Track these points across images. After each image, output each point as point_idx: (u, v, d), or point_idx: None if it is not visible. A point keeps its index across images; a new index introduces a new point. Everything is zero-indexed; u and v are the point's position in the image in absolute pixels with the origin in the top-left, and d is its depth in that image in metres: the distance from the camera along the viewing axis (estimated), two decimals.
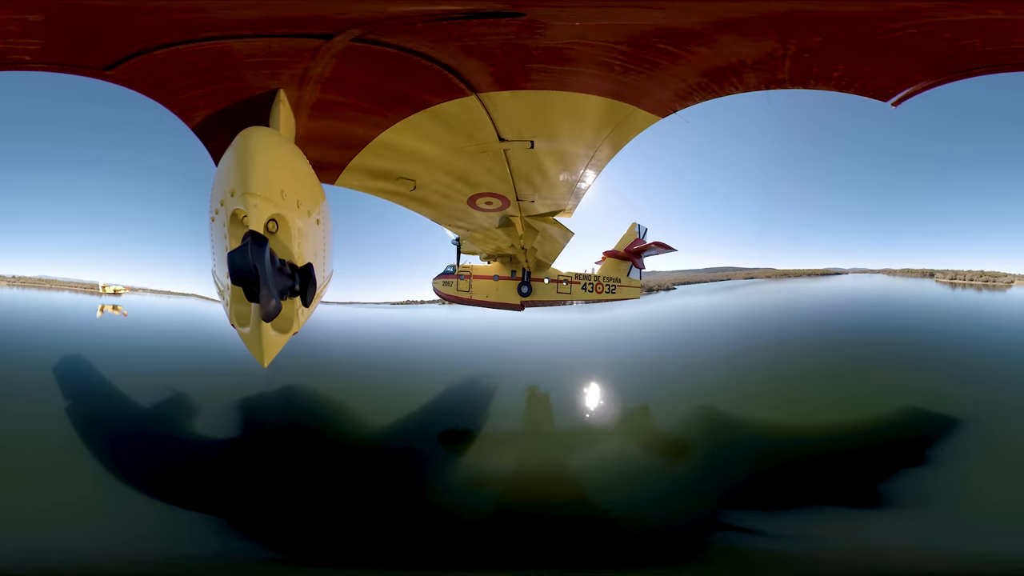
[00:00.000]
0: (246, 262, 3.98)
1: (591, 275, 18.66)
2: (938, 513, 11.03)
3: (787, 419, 16.61)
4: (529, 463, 15.34)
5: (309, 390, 18.92)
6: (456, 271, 18.06)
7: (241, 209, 4.31)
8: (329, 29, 4.57)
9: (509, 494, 13.62)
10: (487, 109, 5.71)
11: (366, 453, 16.28)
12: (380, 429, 17.40)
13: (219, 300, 5.59)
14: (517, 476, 14.63)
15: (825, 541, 10.93)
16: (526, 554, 10.95)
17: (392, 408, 18.05)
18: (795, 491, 12.69)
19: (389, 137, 6.28)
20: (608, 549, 11.24)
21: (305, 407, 18.37)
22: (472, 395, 19.82)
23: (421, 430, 17.48)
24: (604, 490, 13.49)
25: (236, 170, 4.35)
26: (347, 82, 5.32)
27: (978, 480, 12.10)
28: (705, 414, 17.52)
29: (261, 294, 4.08)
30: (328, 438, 16.84)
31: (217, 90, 5.35)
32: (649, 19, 4.49)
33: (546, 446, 16.57)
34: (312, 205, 5.20)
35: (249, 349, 4.65)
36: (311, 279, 4.77)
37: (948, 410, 14.65)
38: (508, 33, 4.60)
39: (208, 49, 4.78)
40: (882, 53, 4.70)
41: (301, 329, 4.95)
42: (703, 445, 15.86)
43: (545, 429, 18.25)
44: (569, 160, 6.96)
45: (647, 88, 5.34)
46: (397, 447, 16.53)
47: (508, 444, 16.80)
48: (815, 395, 18.23)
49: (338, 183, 7.28)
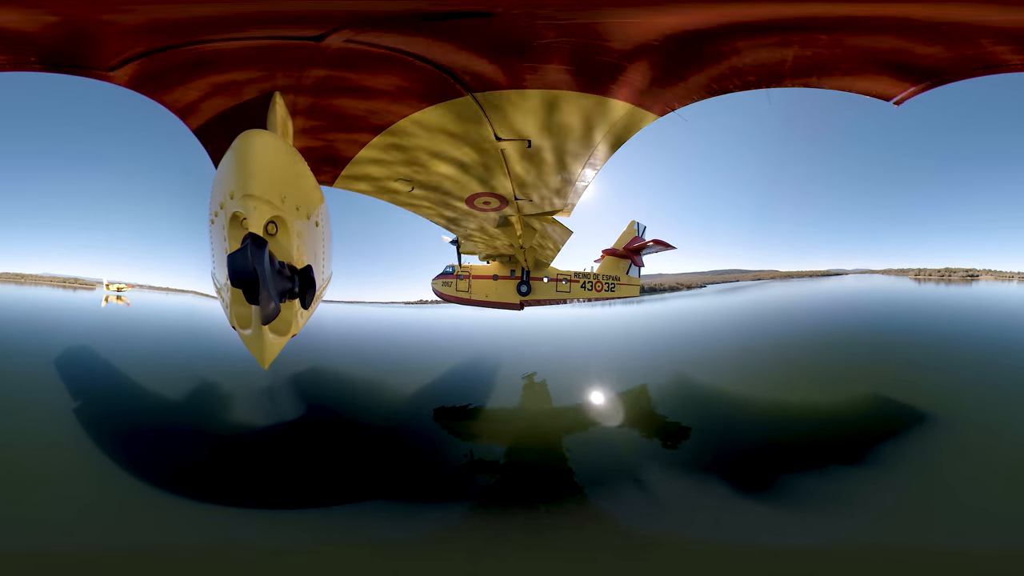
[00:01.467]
0: (246, 264, 4.00)
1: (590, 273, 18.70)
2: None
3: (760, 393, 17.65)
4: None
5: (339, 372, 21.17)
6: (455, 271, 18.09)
7: (240, 212, 4.31)
8: (322, 30, 4.57)
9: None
10: (483, 109, 5.71)
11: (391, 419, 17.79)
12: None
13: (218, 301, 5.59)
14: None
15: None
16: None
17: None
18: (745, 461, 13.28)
19: (386, 138, 6.28)
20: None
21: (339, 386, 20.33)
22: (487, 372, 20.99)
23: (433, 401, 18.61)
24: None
25: (235, 173, 4.36)
26: (342, 84, 5.33)
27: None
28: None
29: (261, 296, 4.09)
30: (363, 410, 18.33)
31: (216, 92, 5.35)
32: (648, 18, 4.49)
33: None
34: (311, 207, 5.21)
35: (250, 350, 4.67)
36: (310, 281, 4.78)
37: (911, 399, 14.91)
38: (504, 32, 4.60)
39: (207, 51, 4.79)
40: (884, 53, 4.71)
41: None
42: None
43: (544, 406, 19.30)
44: (567, 159, 6.96)
45: (645, 87, 5.34)
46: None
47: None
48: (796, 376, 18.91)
49: (336, 185, 7.29)
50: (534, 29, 4.55)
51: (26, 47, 4.58)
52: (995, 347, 20.08)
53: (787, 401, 17.03)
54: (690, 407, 17.22)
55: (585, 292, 18.50)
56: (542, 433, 16.27)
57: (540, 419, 17.49)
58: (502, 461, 14.56)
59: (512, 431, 16.33)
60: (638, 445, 15.53)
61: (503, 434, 16.14)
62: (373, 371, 21.61)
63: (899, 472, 11.84)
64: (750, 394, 17.82)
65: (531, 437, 16.04)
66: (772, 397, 17.49)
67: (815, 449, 13.46)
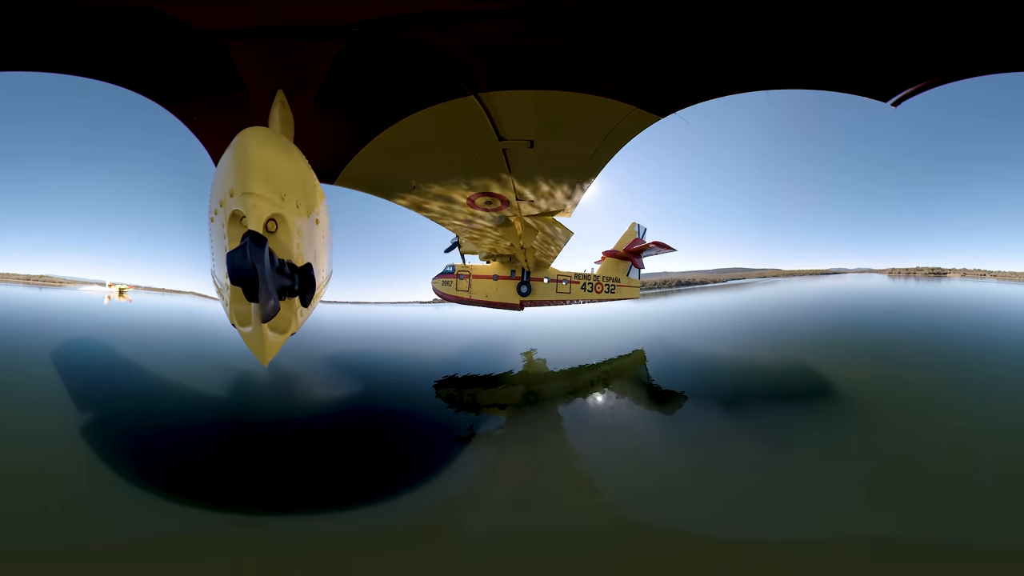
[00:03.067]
0: (245, 262, 3.98)
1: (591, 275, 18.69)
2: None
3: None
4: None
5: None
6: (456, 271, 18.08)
7: (240, 209, 4.30)
8: (327, 30, 4.57)
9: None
10: (486, 109, 5.70)
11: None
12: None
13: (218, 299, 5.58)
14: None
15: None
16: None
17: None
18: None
19: (388, 137, 6.27)
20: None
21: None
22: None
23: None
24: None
25: (235, 170, 4.35)
26: (345, 82, 5.32)
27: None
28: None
29: (260, 294, 4.08)
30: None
31: (217, 91, 5.35)
32: (649, 19, 4.49)
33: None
34: (311, 205, 5.20)
35: (250, 348, 4.65)
36: (310, 279, 4.77)
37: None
38: (506, 33, 4.60)
39: (208, 50, 4.78)
40: (882, 53, 4.70)
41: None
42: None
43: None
44: (568, 160, 6.96)
45: (646, 88, 5.33)
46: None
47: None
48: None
49: (337, 183, 7.28)
50: (537, 30, 4.55)
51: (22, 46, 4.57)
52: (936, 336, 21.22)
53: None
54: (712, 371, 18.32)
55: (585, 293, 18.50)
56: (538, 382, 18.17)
57: (536, 381, 18.80)
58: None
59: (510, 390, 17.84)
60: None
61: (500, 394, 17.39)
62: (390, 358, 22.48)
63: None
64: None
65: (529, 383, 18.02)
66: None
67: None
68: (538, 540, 8.56)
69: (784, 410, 13.26)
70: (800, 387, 14.88)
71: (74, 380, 16.47)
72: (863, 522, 8.36)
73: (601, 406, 15.26)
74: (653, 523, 8.74)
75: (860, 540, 7.94)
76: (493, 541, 8.58)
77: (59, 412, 13.66)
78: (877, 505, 8.81)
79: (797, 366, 17.03)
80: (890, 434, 11.57)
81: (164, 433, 13.55)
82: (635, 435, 13.10)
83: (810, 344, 19.87)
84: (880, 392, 14.19)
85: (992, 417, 12.18)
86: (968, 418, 12.19)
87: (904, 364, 17.05)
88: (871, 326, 23.46)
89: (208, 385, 16.70)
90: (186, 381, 16.97)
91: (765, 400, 14.09)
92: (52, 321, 26.62)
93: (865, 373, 15.76)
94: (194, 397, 16.37)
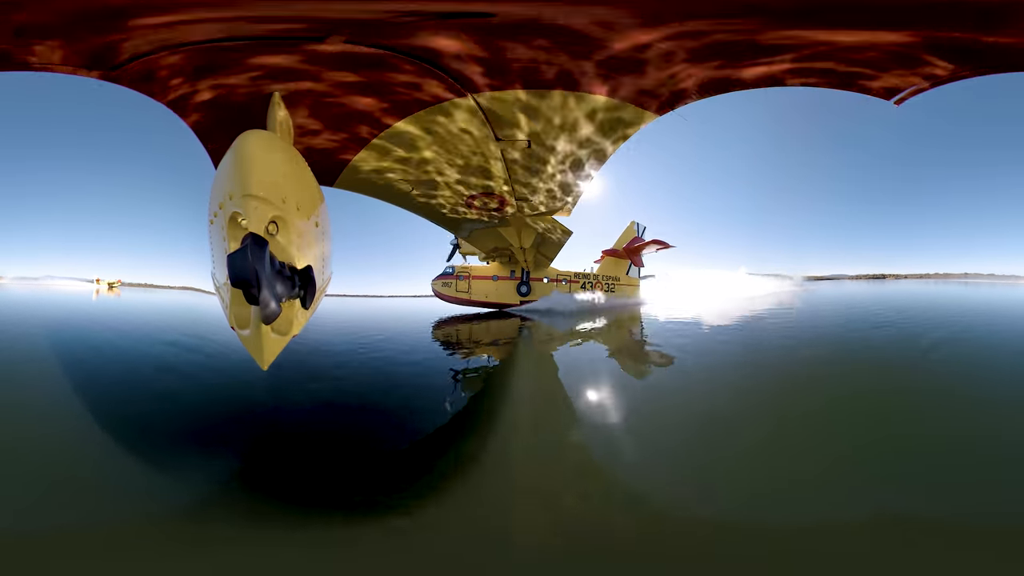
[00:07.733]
0: (246, 265, 3.99)
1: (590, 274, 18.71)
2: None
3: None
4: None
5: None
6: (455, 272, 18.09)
7: (240, 212, 4.31)
8: (322, 31, 4.58)
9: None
10: (483, 109, 5.72)
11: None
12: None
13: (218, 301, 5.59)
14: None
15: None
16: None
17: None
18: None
19: (385, 139, 6.30)
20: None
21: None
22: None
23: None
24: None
25: (235, 173, 4.36)
26: (342, 84, 5.34)
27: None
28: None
29: (261, 297, 4.09)
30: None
31: (216, 93, 5.36)
32: (648, 16, 4.49)
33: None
34: (311, 208, 5.21)
35: (249, 351, 4.66)
36: (311, 281, 4.78)
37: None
38: (504, 32, 4.60)
39: (207, 51, 4.79)
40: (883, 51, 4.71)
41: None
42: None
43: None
44: (567, 159, 6.98)
45: (645, 86, 5.34)
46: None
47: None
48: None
49: (336, 185, 7.30)
50: (534, 29, 4.56)
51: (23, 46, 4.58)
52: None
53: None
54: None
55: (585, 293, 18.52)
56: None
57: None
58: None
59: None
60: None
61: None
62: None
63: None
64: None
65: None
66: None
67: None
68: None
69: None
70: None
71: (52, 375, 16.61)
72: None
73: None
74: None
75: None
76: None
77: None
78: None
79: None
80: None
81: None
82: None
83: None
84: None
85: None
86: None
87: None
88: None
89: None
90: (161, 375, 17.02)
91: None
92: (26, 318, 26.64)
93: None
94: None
